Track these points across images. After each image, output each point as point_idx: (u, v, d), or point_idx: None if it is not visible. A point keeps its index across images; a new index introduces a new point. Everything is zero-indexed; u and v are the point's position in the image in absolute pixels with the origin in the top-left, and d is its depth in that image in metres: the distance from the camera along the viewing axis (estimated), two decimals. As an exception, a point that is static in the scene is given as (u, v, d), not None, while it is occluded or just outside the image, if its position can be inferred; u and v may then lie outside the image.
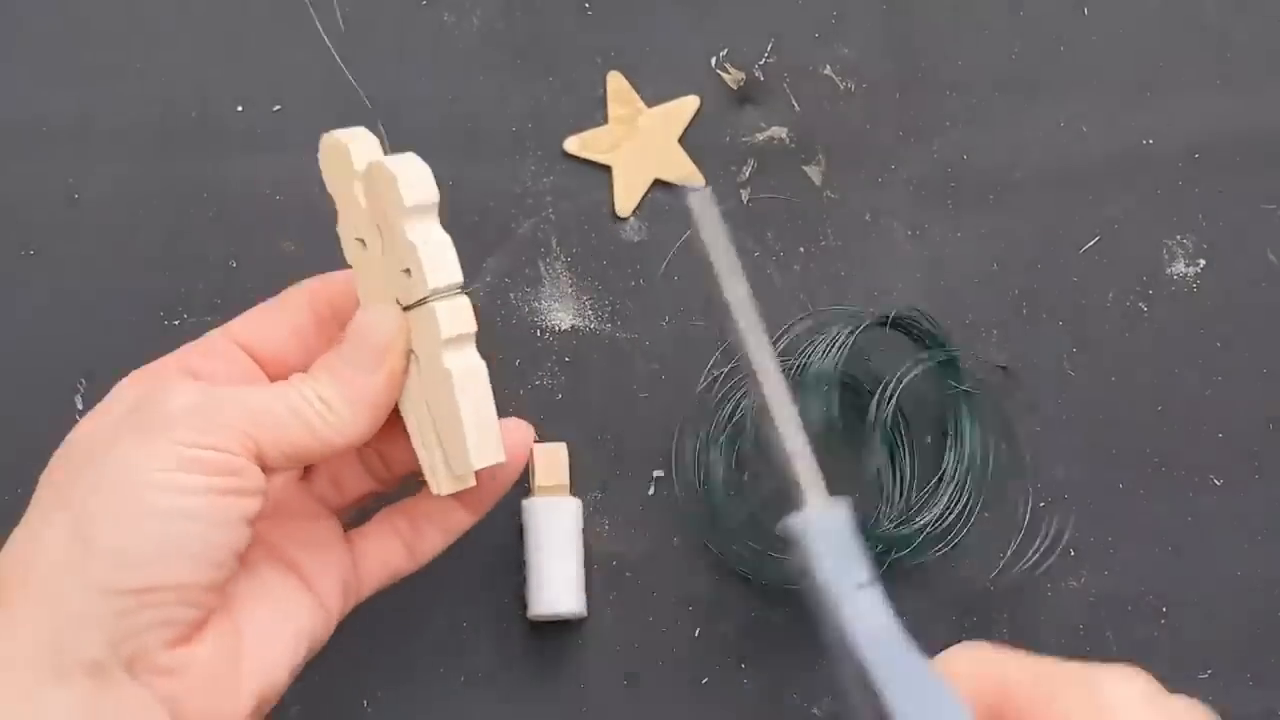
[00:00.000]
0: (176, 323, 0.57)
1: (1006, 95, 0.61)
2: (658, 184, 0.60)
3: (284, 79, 0.59)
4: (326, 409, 0.43)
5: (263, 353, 0.47)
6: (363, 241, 0.45)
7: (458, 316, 0.45)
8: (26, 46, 0.59)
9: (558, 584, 0.55)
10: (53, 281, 0.58)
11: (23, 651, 0.39)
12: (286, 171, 0.59)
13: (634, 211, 0.59)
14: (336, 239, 0.47)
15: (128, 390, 0.45)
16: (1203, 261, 0.60)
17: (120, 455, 0.41)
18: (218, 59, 0.59)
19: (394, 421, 0.46)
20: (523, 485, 0.57)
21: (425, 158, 0.59)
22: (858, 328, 0.55)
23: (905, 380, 0.56)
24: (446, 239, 0.45)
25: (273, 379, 0.47)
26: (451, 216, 0.58)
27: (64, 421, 0.56)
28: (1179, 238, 0.60)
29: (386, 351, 0.45)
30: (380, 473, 0.49)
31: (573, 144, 0.59)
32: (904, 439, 0.58)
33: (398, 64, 0.60)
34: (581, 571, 0.55)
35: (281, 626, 0.44)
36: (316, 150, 0.59)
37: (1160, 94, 0.61)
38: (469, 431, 0.45)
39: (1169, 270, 0.60)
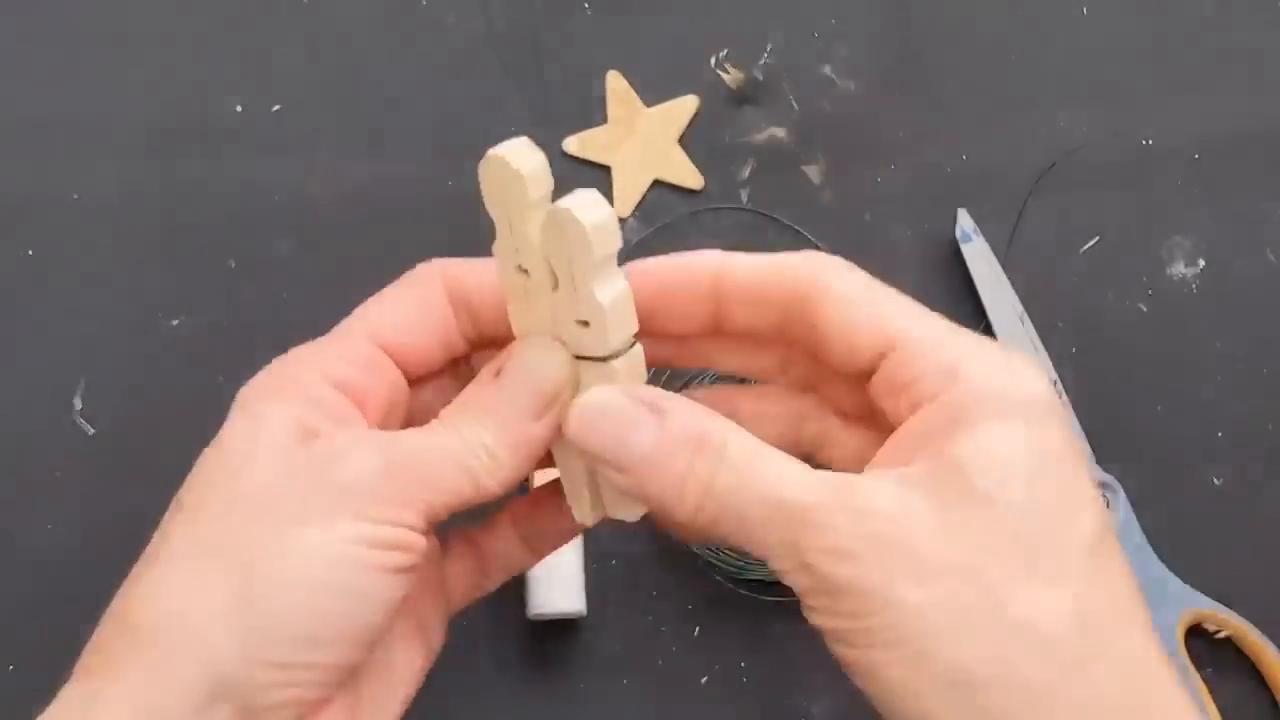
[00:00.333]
0: (176, 323, 0.57)
1: (1006, 95, 0.61)
2: (657, 184, 0.60)
3: (284, 79, 0.59)
4: (489, 458, 0.41)
5: (404, 354, 0.43)
6: (525, 270, 0.42)
7: (634, 373, 0.42)
8: (27, 46, 0.59)
9: (558, 584, 0.55)
10: (53, 281, 0.58)
11: (169, 703, 0.37)
12: (286, 171, 0.59)
13: (634, 211, 0.59)
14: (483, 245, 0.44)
15: (273, 412, 0.40)
16: (1203, 261, 0.60)
17: (296, 519, 0.38)
18: (218, 59, 0.59)
19: None
20: (523, 485, 0.57)
21: (424, 158, 0.60)
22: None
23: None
24: (628, 290, 0.41)
25: (408, 377, 0.44)
26: (451, 217, 0.59)
27: (64, 421, 0.56)
28: (1179, 238, 0.60)
29: (554, 400, 0.42)
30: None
31: (572, 144, 0.59)
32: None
33: (398, 64, 0.60)
34: (581, 571, 0.55)
35: (396, 694, 0.42)
36: (315, 150, 0.59)
37: (1160, 94, 0.61)
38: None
39: (1169, 270, 0.60)
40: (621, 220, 0.59)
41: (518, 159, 0.40)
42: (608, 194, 0.59)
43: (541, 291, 0.42)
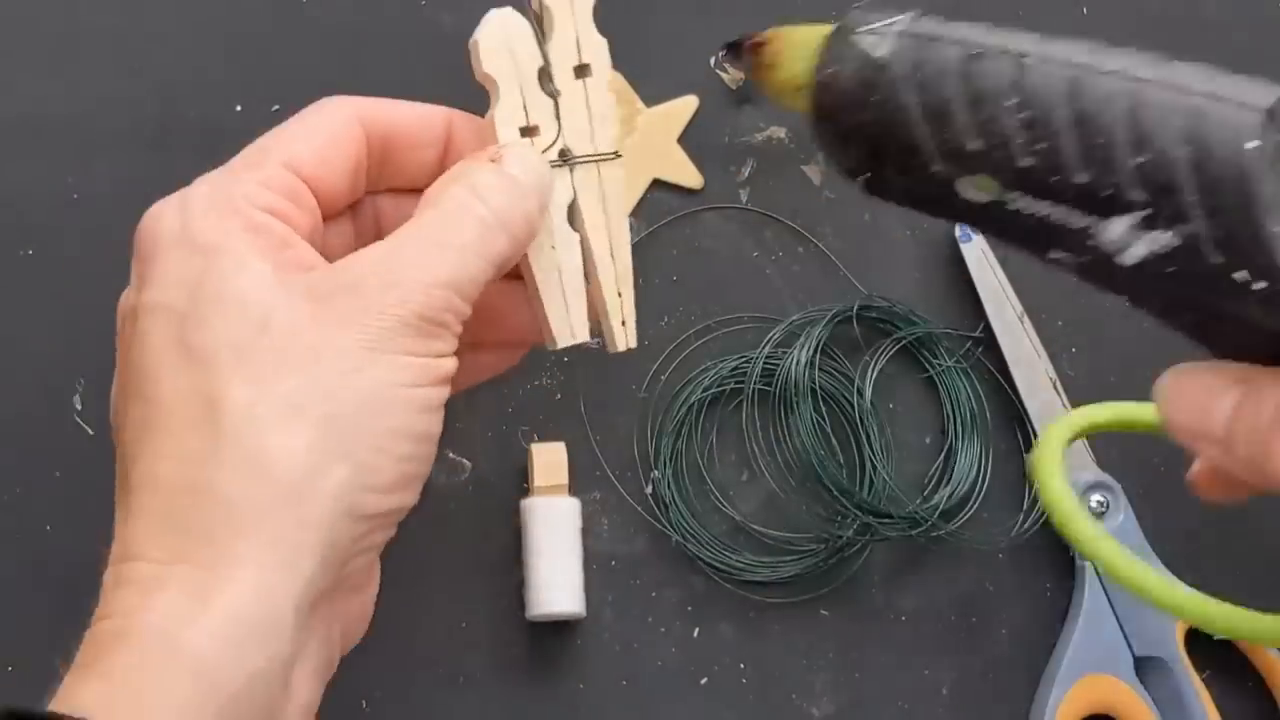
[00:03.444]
0: (176, 323, 0.57)
1: (1006, 95, 0.61)
2: (657, 184, 0.59)
3: (284, 79, 0.59)
4: (507, 229, 0.40)
5: (317, 189, 0.41)
6: (532, 129, 0.43)
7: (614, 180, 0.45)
8: (26, 46, 0.59)
9: (557, 584, 0.55)
10: (53, 281, 0.58)
11: (290, 580, 0.36)
12: (286, 171, 0.58)
13: (633, 212, 0.59)
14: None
15: (250, 247, 0.38)
16: (1203, 261, 0.60)
17: (359, 366, 0.37)
18: (218, 59, 0.59)
19: None
20: (522, 486, 0.57)
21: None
22: (823, 323, 0.57)
23: (881, 360, 0.58)
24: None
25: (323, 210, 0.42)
26: (451, 216, 0.59)
27: (64, 422, 0.56)
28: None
29: (547, 199, 0.42)
30: None
31: (572, 144, 0.59)
32: (885, 425, 0.58)
33: (398, 64, 0.60)
34: (581, 571, 0.55)
35: None
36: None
37: (1160, 94, 0.61)
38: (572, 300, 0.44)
39: (1169, 270, 0.60)
40: (621, 220, 0.59)
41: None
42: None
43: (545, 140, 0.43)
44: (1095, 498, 0.57)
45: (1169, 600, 0.42)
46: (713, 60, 0.60)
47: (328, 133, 0.42)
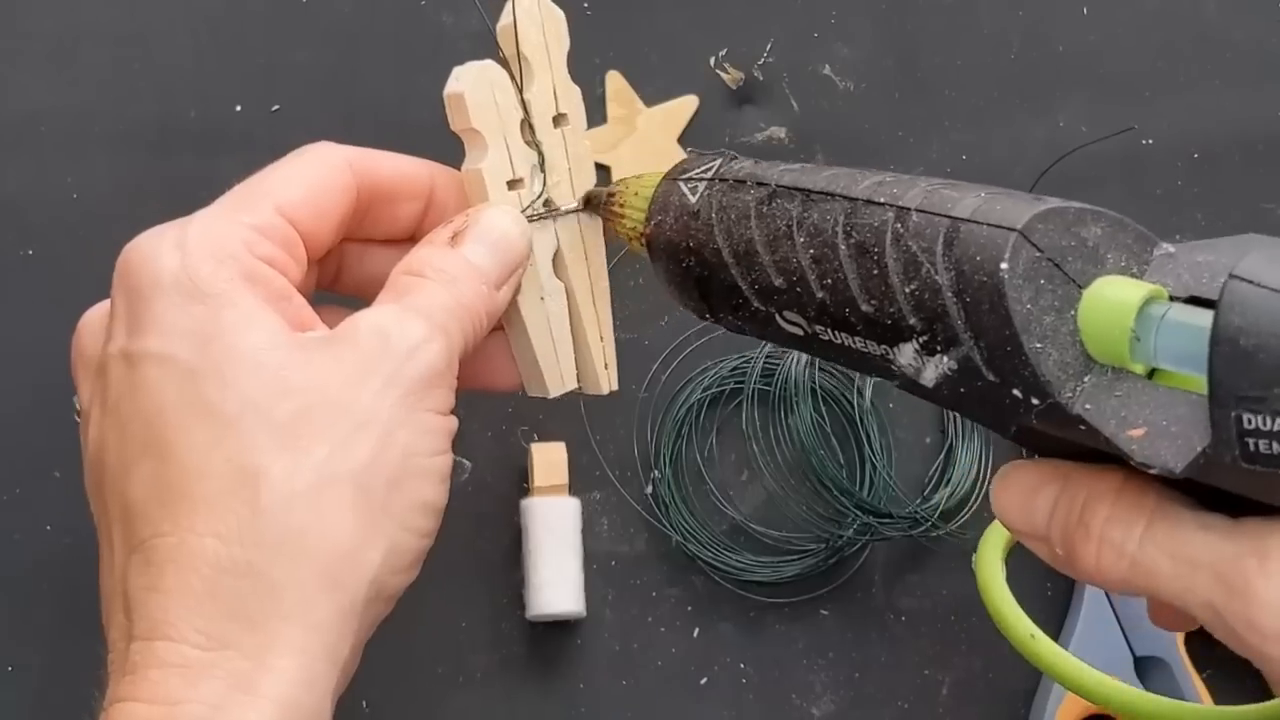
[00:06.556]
0: (176, 323, 0.57)
1: (1006, 95, 0.61)
2: (657, 184, 0.60)
3: (284, 79, 0.59)
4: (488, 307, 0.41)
5: (307, 236, 0.41)
6: (518, 181, 0.43)
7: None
8: (26, 46, 0.59)
9: (557, 584, 0.55)
10: (53, 281, 0.58)
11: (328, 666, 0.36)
12: (286, 171, 0.58)
13: (634, 211, 0.59)
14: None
15: (252, 299, 0.37)
16: (1203, 261, 0.60)
17: (388, 427, 0.37)
18: (217, 59, 0.59)
19: None
20: (522, 486, 0.57)
21: (424, 157, 0.60)
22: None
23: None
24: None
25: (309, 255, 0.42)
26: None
27: (64, 423, 0.56)
28: (1179, 238, 0.60)
29: (518, 265, 0.42)
30: None
31: (572, 144, 0.59)
32: (886, 425, 0.58)
33: (398, 64, 0.60)
34: (581, 571, 0.55)
35: None
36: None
37: (1160, 94, 0.61)
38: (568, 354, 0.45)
39: (1169, 270, 0.60)
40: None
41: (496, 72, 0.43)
42: (608, 194, 0.59)
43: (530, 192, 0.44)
44: None
45: (1098, 692, 0.44)
46: (713, 60, 0.60)
47: (322, 180, 0.41)
